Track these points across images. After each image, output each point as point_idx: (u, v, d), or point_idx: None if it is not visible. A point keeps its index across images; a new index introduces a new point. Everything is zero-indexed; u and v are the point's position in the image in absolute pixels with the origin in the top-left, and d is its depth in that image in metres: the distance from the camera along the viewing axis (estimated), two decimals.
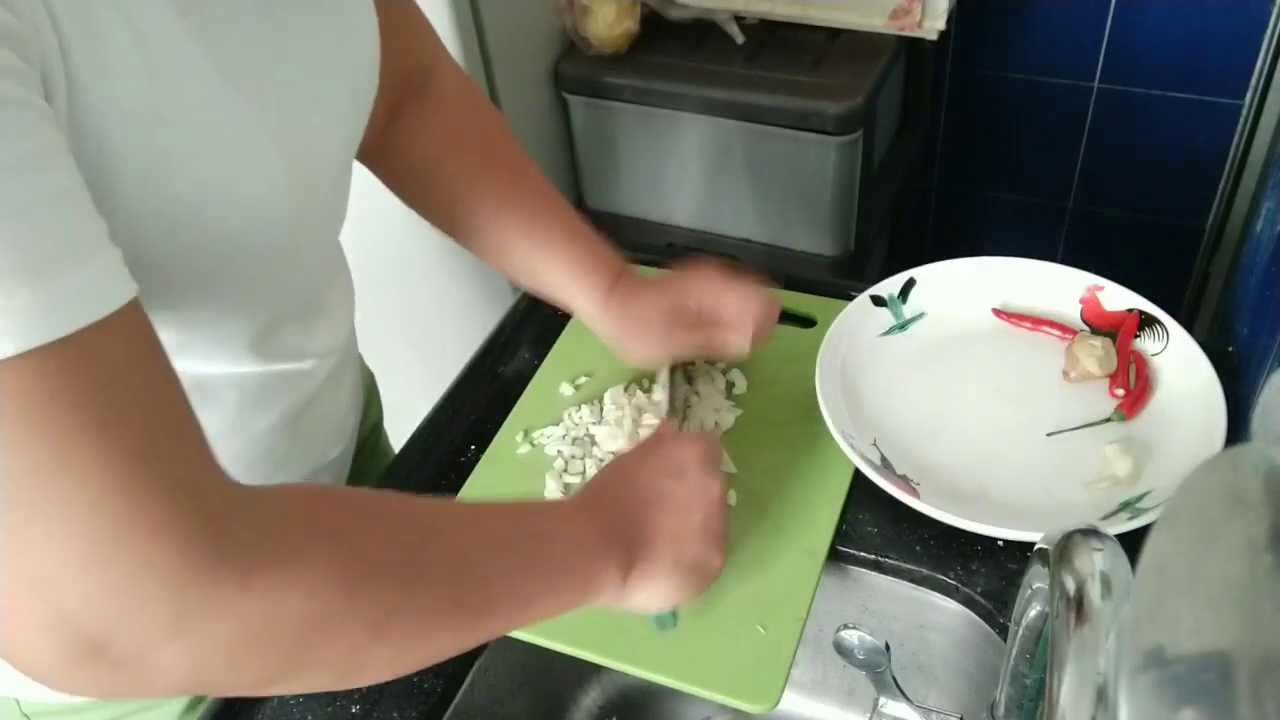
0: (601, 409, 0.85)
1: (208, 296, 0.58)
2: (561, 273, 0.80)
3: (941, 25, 1.48)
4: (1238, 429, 0.75)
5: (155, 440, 0.42)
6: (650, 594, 0.62)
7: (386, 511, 0.53)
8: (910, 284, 0.90)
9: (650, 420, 0.83)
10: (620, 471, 0.66)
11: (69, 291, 0.40)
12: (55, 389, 0.39)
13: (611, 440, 0.82)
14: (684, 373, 0.87)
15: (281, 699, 0.71)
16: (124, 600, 0.41)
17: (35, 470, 0.39)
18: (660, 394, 0.84)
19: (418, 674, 0.71)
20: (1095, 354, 0.82)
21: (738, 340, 0.79)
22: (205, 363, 0.62)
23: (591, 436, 0.83)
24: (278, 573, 0.44)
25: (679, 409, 0.83)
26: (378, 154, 0.79)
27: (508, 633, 0.60)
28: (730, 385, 0.87)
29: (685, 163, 1.58)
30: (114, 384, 0.41)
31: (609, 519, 0.62)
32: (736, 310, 0.78)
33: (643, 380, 0.88)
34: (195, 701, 0.76)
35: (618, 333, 0.80)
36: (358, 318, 0.85)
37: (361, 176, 0.83)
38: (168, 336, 0.52)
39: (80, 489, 0.40)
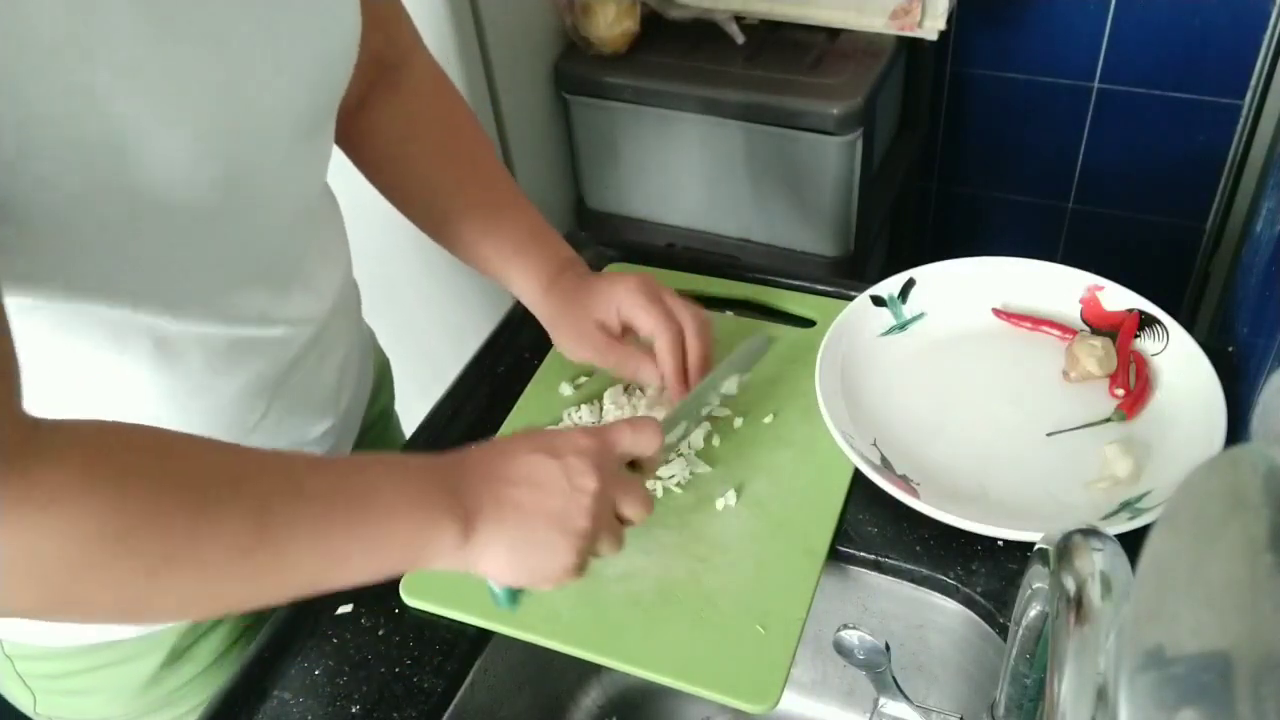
0: (601, 409, 0.85)
1: (149, 243, 0.57)
2: (506, 260, 0.82)
3: (941, 25, 1.48)
4: (1238, 429, 0.75)
5: None
6: (487, 563, 0.60)
7: (185, 455, 0.53)
8: (910, 284, 0.90)
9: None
10: (502, 441, 0.64)
11: None
12: None
13: None
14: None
15: (281, 699, 0.71)
16: None
17: None
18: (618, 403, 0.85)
19: (417, 674, 0.71)
20: (1095, 354, 0.82)
21: (647, 371, 0.79)
22: (167, 317, 0.62)
23: None
24: (37, 514, 0.46)
25: (691, 423, 0.80)
26: (348, 137, 0.81)
27: (327, 590, 0.57)
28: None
29: (685, 163, 1.58)
30: None
31: (457, 480, 0.60)
32: (647, 329, 0.78)
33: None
34: (175, 655, 0.77)
35: (551, 326, 0.83)
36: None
37: (362, 176, 0.84)
38: (117, 284, 0.54)
39: None
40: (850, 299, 0.89)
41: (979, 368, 0.86)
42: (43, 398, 0.50)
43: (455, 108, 0.85)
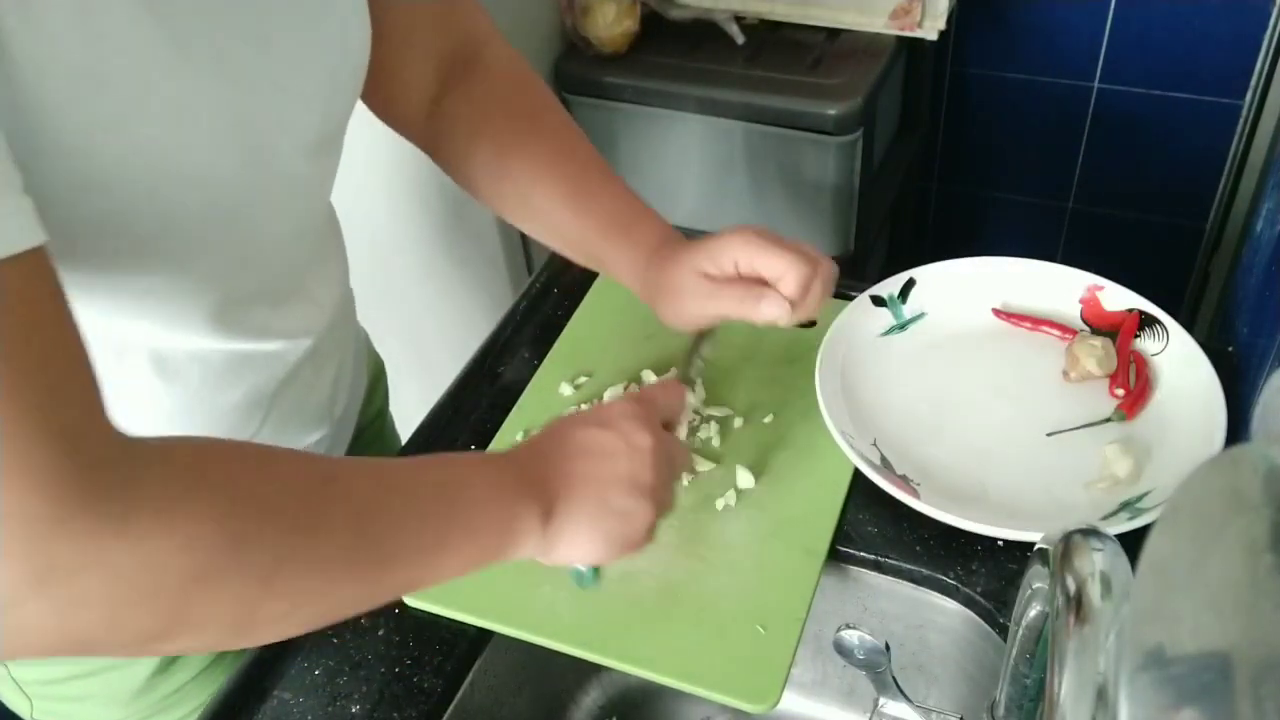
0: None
1: (155, 264, 0.58)
2: (602, 238, 0.78)
3: (941, 25, 1.48)
4: (1238, 429, 0.75)
5: (40, 384, 0.41)
6: (572, 543, 0.60)
7: (280, 461, 0.52)
8: (910, 284, 0.90)
9: None
10: (550, 427, 0.65)
11: None
12: None
13: None
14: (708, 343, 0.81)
15: (281, 699, 0.71)
16: None
17: None
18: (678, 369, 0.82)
19: (417, 674, 0.71)
20: (1095, 354, 0.82)
21: (772, 308, 0.71)
22: (165, 333, 0.63)
23: None
24: (154, 522, 0.43)
25: (691, 379, 0.79)
26: (425, 137, 0.80)
27: (421, 588, 0.58)
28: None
29: (685, 163, 1.58)
30: (15, 327, 0.41)
31: (528, 467, 0.61)
32: (778, 274, 0.70)
33: (643, 381, 0.88)
34: (167, 661, 0.77)
35: (652, 295, 0.77)
36: (359, 315, 0.86)
37: (362, 177, 0.83)
38: (120, 302, 0.53)
39: None
40: (850, 299, 0.89)
41: (979, 368, 0.86)
42: None
43: (533, 92, 0.81)
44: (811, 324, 0.91)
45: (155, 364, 0.64)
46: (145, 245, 0.56)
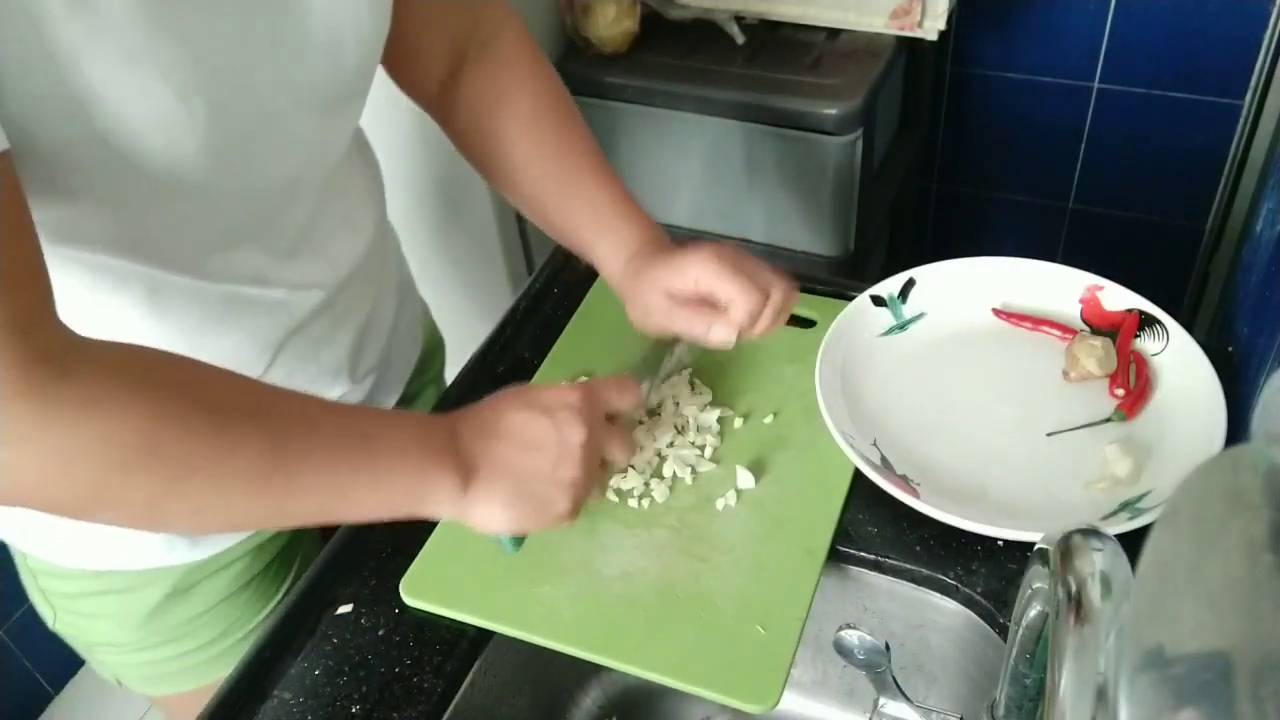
0: None
1: (129, 200, 0.59)
2: (589, 231, 0.81)
3: (941, 25, 1.48)
4: (1238, 429, 0.75)
5: None
6: (485, 515, 0.64)
7: (214, 380, 0.57)
8: (910, 284, 0.90)
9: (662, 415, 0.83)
10: (495, 398, 0.68)
11: None
12: None
13: None
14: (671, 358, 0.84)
15: (281, 699, 0.71)
16: None
17: None
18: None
19: (417, 674, 0.71)
20: (1095, 354, 0.82)
21: (721, 332, 0.75)
22: (157, 268, 0.64)
23: None
24: (81, 415, 0.50)
25: (652, 382, 0.81)
26: (439, 110, 0.83)
27: (331, 521, 0.62)
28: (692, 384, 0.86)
29: (685, 163, 1.58)
30: None
31: (457, 435, 0.64)
32: (728, 300, 0.75)
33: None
34: (179, 590, 0.80)
35: (625, 297, 0.81)
36: None
37: None
38: (110, 235, 0.57)
39: None
40: (850, 299, 0.89)
41: (979, 368, 0.86)
42: None
43: (542, 79, 0.83)
44: (811, 324, 0.91)
45: (151, 298, 0.65)
46: (119, 185, 0.57)
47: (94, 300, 0.64)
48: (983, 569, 0.73)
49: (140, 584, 0.80)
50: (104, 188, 0.57)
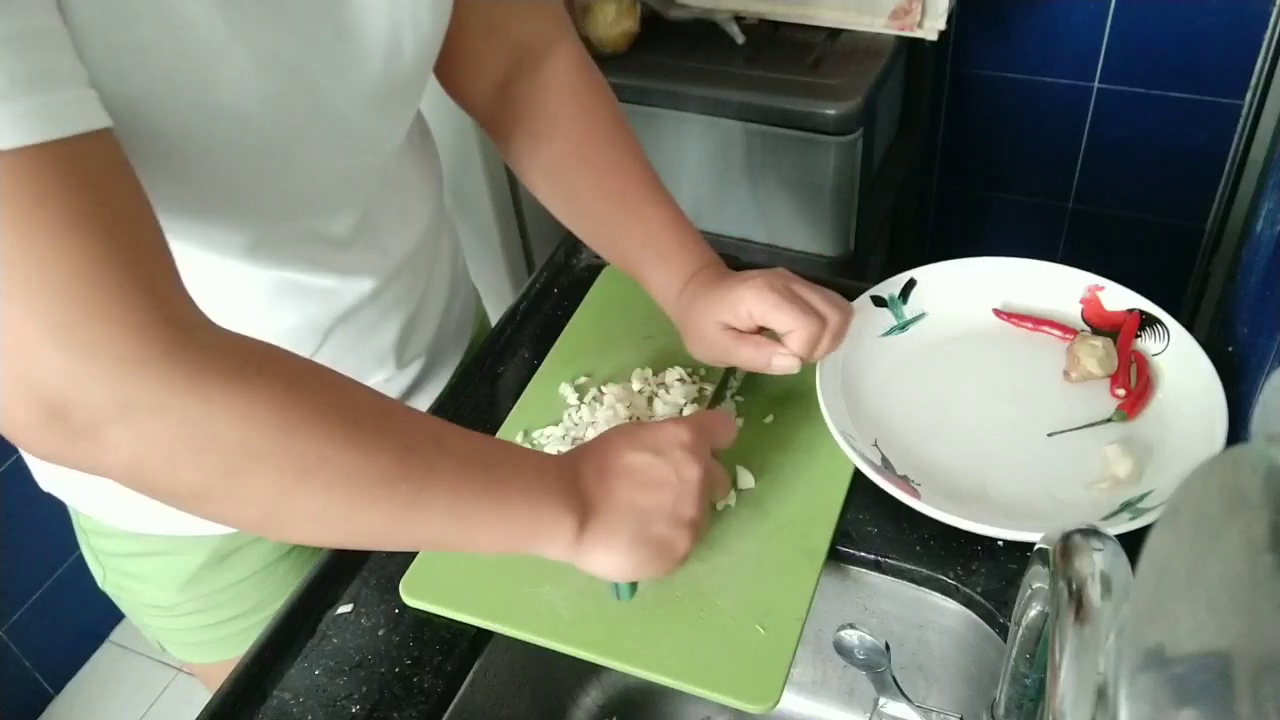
0: (600, 406, 0.85)
1: (190, 187, 0.60)
2: (642, 257, 0.80)
3: (941, 25, 1.48)
4: (1238, 429, 0.75)
5: (127, 244, 0.47)
6: (605, 560, 0.63)
7: (345, 384, 0.56)
8: (910, 284, 0.90)
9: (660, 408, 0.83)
10: (606, 438, 0.67)
11: (63, 103, 0.45)
12: (43, 186, 0.44)
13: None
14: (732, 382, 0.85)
15: (281, 699, 0.71)
16: (80, 376, 0.46)
17: (18, 251, 0.44)
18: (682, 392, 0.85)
19: (417, 674, 0.71)
20: (1096, 354, 0.82)
21: (781, 362, 0.76)
22: (210, 253, 0.65)
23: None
24: (223, 387, 0.49)
25: (728, 407, 0.83)
26: (488, 122, 0.83)
27: (439, 548, 0.61)
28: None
29: (685, 163, 1.58)
30: (95, 190, 0.46)
31: (575, 476, 0.63)
32: (787, 330, 0.75)
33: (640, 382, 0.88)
34: (218, 557, 0.82)
35: (681, 327, 0.80)
36: None
37: None
38: (164, 217, 0.56)
39: (52, 270, 0.45)
40: (850, 299, 0.89)
41: (979, 368, 0.86)
42: None
43: (596, 100, 0.82)
44: None
45: (204, 279, 0.65)
46: (177, 168, 0.57)
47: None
48: (983, 569, 0.73)
49: (180, 549, 0.81)
50: (161, 175, 0.56)
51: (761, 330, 0.77)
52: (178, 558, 0.82)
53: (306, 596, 0.77)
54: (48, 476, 0.81)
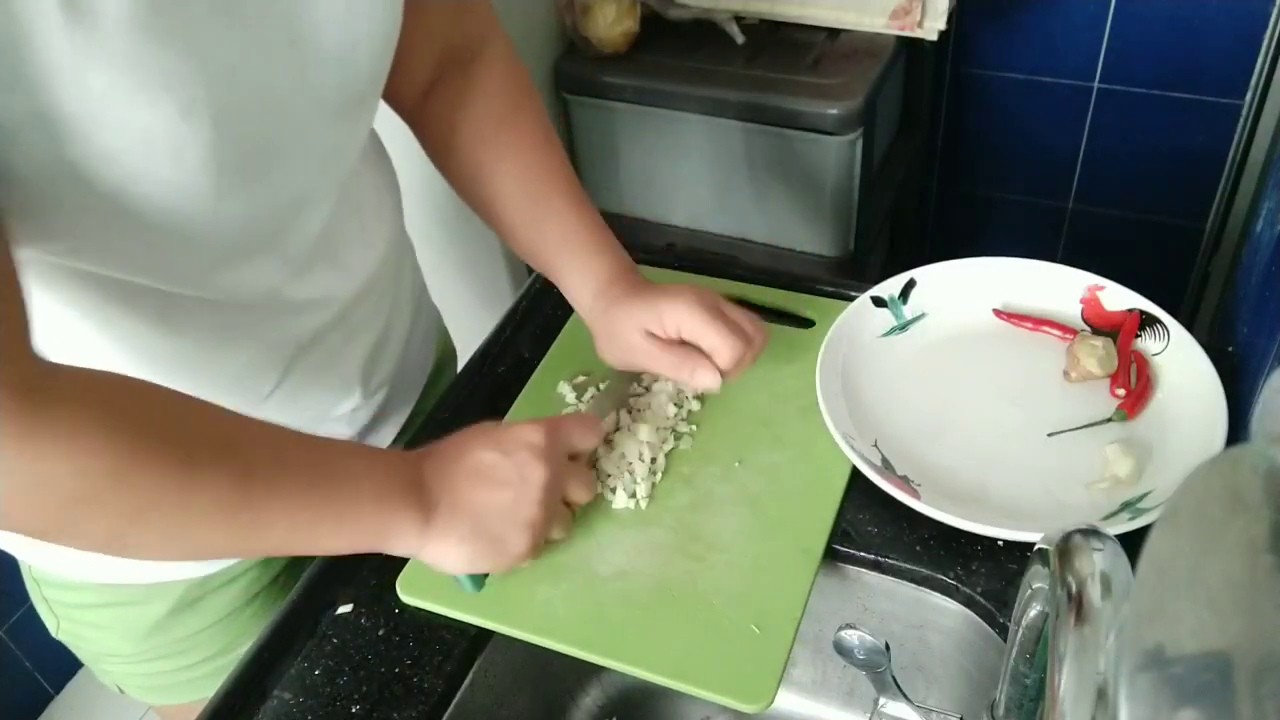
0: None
1: (133, 214, 0.57)
2: (559, 260, 0.81)
3: (941, 25, 1.48)
4: (1238, 429, 0.75)
5: None
6: (442, 553, 0.65)
7: (187, 413, 0.58)
8: (910, 285, 0.90)
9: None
10: (462, 436, 0.68)
11: None
12: None
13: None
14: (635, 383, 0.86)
15: (281, 700, 0.71)
16: None
17: None
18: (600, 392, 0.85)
19: (417, 674, 0.71)
20: (1096, 354, 0.82)
21: (706, 378, 0.77)
22: (165, 284, 0.64)
23: None
24: (52, 447, 0.50)
25: (609, 407, 0.83)
26: (415, 122, 0.82)
27: (297, 553, 0.63)
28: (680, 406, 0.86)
29: (685, 163, 1.58)
30: None
31: (421, 474, 0.65)
32: (713, 348, 0.76)
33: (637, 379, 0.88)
34: (183, 605, 0.81)
35: (594, 329, 0.81)
36: None
37: None
38: (113, 252, 0.57)
39: None
40: (850, 299, 0.89)
41: (980, 368, 0.86)
42: (57, 349, 0.53)
43: (521, 101, 0.83)
44: (811, 324, 0.91)
45: (162, 314, 0.65)
46: (119, 201, 0.55)
47: (108, 314, 0.63)
48: (983, 569, 0.73)
49: (144, 598, 0.79)
50: (103, 207, 0.55)
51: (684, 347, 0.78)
52: (141, 607, 0.80)
53: (306, 596, 0.77)
54: None
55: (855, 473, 0.78)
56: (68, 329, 0.62)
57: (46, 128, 0.49)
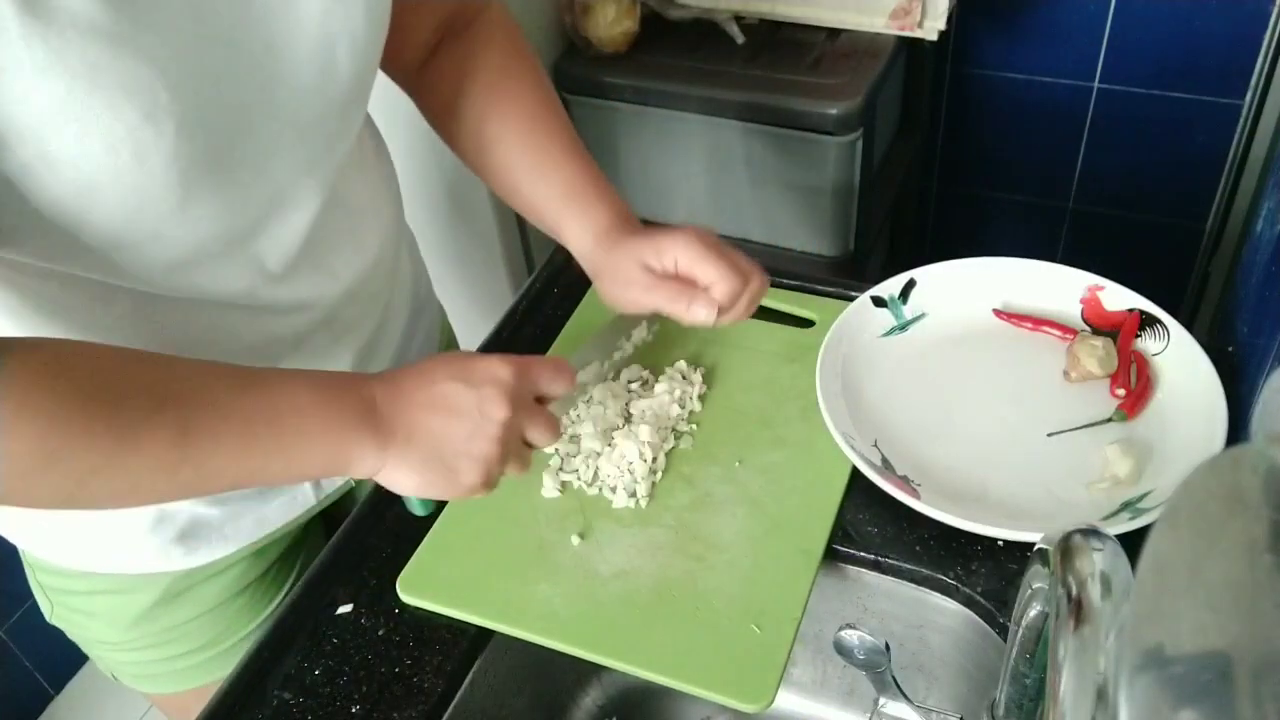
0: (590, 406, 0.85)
1: (98, 218, 0.57)
2: (557, 208, 0.80)
3: (941, 25, 1.48)
4: (1238, 429, 0.75)
5: None
6: (396, 476, 0.65)
7: (121, 373, 0.57)
8: (910, 285, 0.90)
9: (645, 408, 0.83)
10: (429, 362, 0.67)
11: None
12: None
13: (589, 439, 0.82)
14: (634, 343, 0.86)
15: (281, 699, 0.71)
16: None
17: None
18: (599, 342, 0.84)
19: (417, 674, 0.71)
20: (1096, 354, 0.82)
21: (702, 311, 0.75)
22: (142, 285, 0.63)
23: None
24: None
25: (602, 365, 0.83)
26: (414, 89, 0.83)
27: (258, 486, 0.65)
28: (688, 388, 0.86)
29: (685, 163, 1.58)
30: None
31: (373, 399, 0.64)
32: (710, 281, 0.74)
33: (634, 379, 0.88)
34: (170, 595, 0.81)
35: (595, 273, 0.80)
36: None
37: None
38: (92, 255, 0.58)
39: None
40: (850, 299, 0.89)
41: (980, 368, 0.86)
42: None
43: (517, 57, 0.83)
44: (810, 324, 0.91)
45: (138, 313, 0.65)
46: (82, 204, 0.55)
47: (91, 313, 0.63)
48: (983, 569, 0.73)
49: (130, 588, 0.80)
50: (64, 212, 0.55)
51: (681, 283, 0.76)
52: (127, 596, 0.80)
53: (306, 596, 0.77)
54: None
55: (855, 473, 0.78)
56: (45, 327, 0.62)
57: (8, 130, 0.50)
